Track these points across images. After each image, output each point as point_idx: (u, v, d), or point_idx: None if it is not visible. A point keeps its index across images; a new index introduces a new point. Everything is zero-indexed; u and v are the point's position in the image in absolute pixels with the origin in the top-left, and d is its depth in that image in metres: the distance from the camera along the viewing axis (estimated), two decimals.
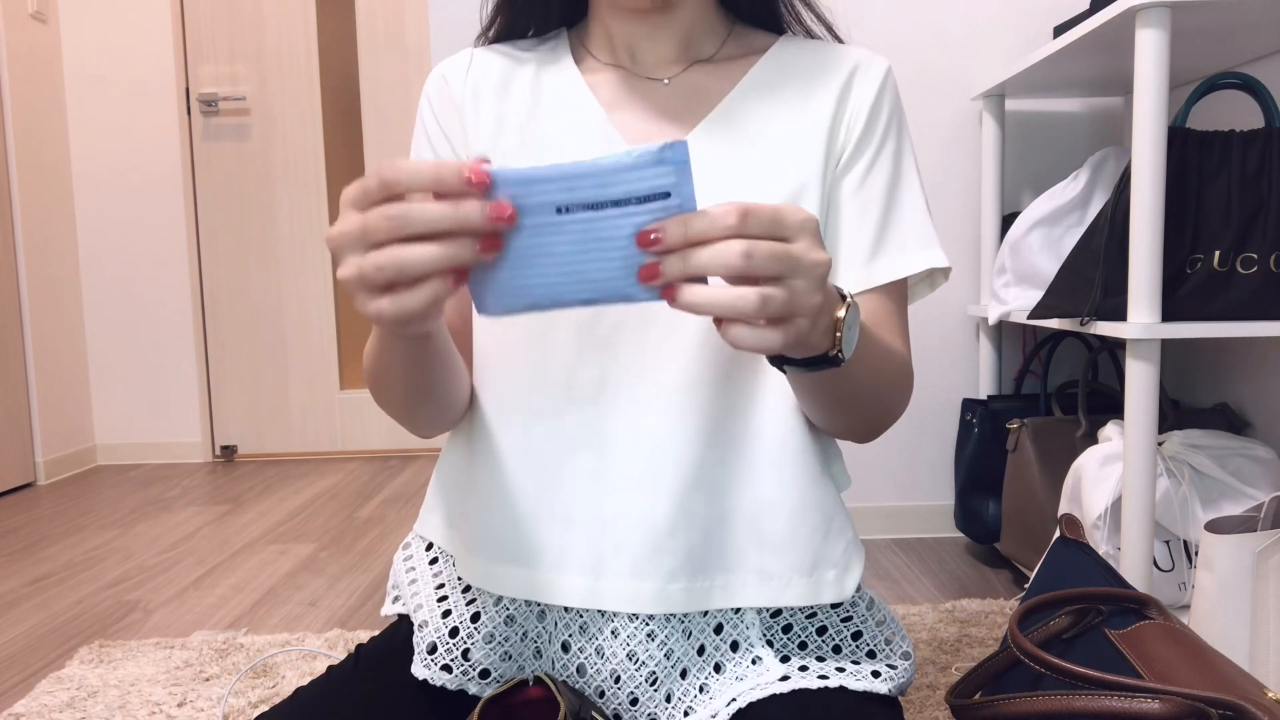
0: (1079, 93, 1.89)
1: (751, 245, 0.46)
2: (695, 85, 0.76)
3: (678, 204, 0.47)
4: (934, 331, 1.97)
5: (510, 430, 0.71)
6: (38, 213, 2.89)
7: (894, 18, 1.91)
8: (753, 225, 0.47)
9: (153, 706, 1.24)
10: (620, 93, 0.76)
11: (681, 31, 0.76)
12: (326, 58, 3.14)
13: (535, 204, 0.48)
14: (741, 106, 0.74)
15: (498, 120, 0.75)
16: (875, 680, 0.69)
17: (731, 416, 0.69)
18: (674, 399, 0.68)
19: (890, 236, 0.73)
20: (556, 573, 0.69)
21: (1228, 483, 1.35)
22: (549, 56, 0.78)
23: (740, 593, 0.69)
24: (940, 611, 1.51)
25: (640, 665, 0.68)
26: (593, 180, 0.47)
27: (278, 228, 3.16)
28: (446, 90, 0.77)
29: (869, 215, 0.72)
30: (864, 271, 0.72)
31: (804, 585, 0.69)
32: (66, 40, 3.05)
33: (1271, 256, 1.25)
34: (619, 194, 0.47)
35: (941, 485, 2.00)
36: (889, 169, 0.74)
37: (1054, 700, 0.67)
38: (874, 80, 0.75)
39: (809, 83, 0.75)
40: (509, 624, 0.72)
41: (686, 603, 0.68)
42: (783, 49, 0.78)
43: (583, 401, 0.69)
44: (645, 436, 0.68)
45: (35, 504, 2.59)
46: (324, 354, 3.20)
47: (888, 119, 0.75)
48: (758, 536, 0.69)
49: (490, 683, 0.71)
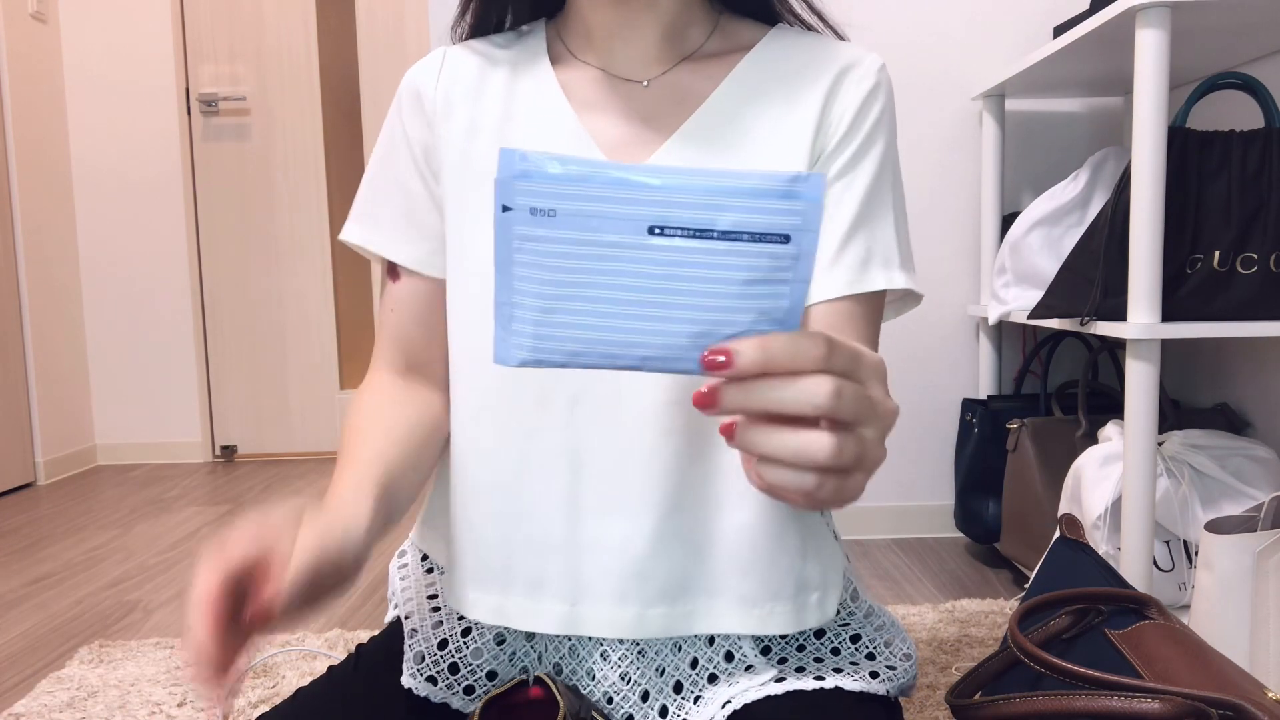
0: (1079, 93, 1.89)
1: (841, 385, 0.39)
2: (676, 86, 0.71)
3: (793, 256, 0.37)
4: (934, 331, 1.97)
5: (482, 451, 0.68)
6: (38, 213, 2.89)
7: (894, 18, 1.91)
8: (836, 361, 0.39)
9: (153, 706, 1.24)
10: (596, 94, 0.71)
11: (663, 23, 0.71)
12: (326, 58, 3.14)
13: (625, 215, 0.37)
14: (724, 109, 0.69)
15: (470, 126, 0.71)
16: (873, 681, 0.68)
17: (711, 438, 0.66)
18: (651, 420, 0.65)
19: (851, 249, 0.67)
20: (532, 599, 0.66)
21: (1228, 483, 1.35)
22: (525, 53, 0.74)
23: (722, 620, 0.66)
24: (940, 611, 1.51)
25: (634, 685, 0.68)
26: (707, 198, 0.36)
27: (277, 228, 3.16)
28: (418, 105, 0.73)
29: (836, 221, 0.68)
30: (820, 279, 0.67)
31: (786, 612, 0.67)
32: (66, 40, 3.05)
33: (1271, 256, 1.25)
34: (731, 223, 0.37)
35: (941, 485, 2.00)
36: (868, 176, 0.69)
37: (1054, 700, 0.67)
38: (864, 81, 0.70)
39: (797, 82, 0.70)
40: (499, 643, 0.71)
41: (666, 628, 0.66)
42: (772, 43, 0.72)
43: (557, 422, 0.66)
44: (621, 458, 0.65)
45: (35, 504, 2.59)
46: (324, 354, 3.20)
47: (874, 123, 0.69)
48: (739, 562, 0.66)
49: (474, 699, 0.70)
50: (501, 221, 0.37)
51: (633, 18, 0.70)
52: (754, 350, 0.38)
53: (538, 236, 0.37)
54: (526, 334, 0.39)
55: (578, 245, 0.37)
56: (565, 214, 0.37)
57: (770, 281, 0.38)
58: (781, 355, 0.38)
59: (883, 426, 0.41)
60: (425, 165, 0.73)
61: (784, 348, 0.38)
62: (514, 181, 0.37)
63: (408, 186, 0.74)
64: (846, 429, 0.40)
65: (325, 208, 3.14)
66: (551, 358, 0.39)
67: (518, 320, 0.39)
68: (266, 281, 3.17)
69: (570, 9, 0.74)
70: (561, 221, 0.37)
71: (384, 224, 0.75)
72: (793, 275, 0.38)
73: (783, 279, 0.38)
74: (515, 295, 0.38)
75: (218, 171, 3.14)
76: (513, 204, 0.37)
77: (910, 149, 1.94)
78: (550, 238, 0.37)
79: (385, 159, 0.76)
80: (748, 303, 0.38)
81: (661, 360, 0.39)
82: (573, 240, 0.37)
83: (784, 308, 0.39)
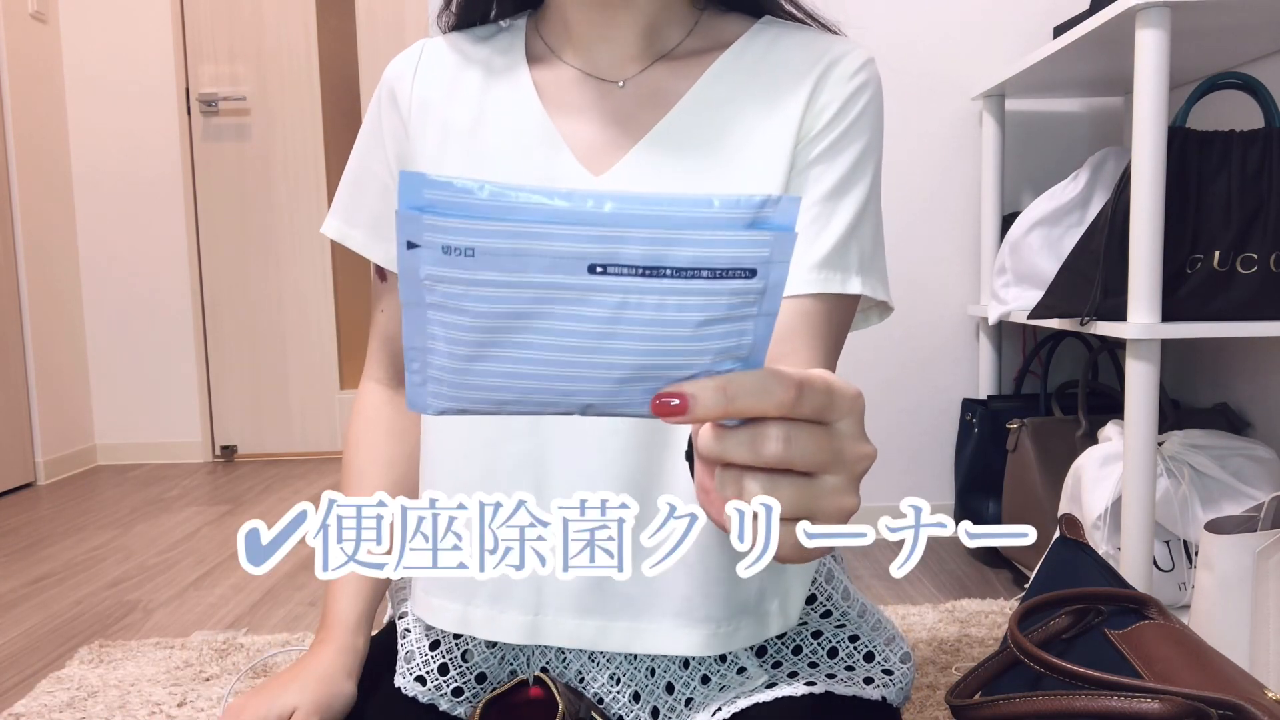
0: (1079, 93, 1.89)
1: (790, 430, 0.35)
2: (653, 86, 0.68)
3: (758, 291, 0.32)
4: (934, 331, 1.97)
5: (448, 460, 0.68)
6: (38, 213, 2.89)
7: (894, 18, 1.91)
8: (806, 403, 0.35)
9: (153, 706, 1.24)
10: (571, 95, 0.69)
11: (642, 22, 0.69)
12: (326, 58, 3.14)
13: (560, 253, 0.31)
14: (699, 110, 0.67)
15: (443, 128, 0.70)
16: (867, 687, 0.67)
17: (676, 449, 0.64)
18: (614, 431, 0.64)
19: (809, 247, 0.63)
20: (495, 608, 0.66)
21: (1228, 483, 1.35)
22: (503, 50, 0.73)
23: (685, 643, 0.64)
24: (940, 611, 1.51)
25: (624, 686, 0.67)
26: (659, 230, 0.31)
27: (278, 228, 3.16)
28: (394, 104, 0.73)
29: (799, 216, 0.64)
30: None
31: (750, 625, 0.66)
32: (66, 40, 3.05)
33: (1271, 256, 1.25)
34: (687, 259, 0.31)
35: (941, 485, 2.00)
36: (840, 171, 0.65)
37: (1054, 700, 0.67)
38: (851, 75, 0.66)
39: (780, 79, 0.67)
40: (489, 646, 0.70)
41: (627, 644, 0.65)
42: (754, 39, 0.69)
43: (521, 431, 0.65)
44: (586, 470, 0.64)
45: (35, 504, 2.59)
46: (324, 354, 3.20)
47: (858, 117, 0.66)
48: (703, 581, 0.64)
49: (462, 702, 0.70)
50: (406, 259, 0.31)
51: (611, 16, 0.68)
52: (713, 394, 0.33)
53: (452, 278, 0.31)
54: (445, 381, 0.33)
55: (503, 288, 0.31)
56: (486, 252, 0.30)
57: (732, 320, 0.33)
58: (745, 399, 0.34)
59: (851, 474, 0.37)
60: (398, 168, 0.73)
61: (748, 390, 0.34)
62: (419, 215, 0.30)
63: (384, 184, 0.74)
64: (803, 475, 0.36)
65: (325, 208, 3.14)
66: (476, 406, 0.34)
67: (433, 367, 0.33)
68: (266, 282, 3.17)
69: (550, 6, 0.73)
70: (482, 261, 0.30)
71: (361, 221, 0.75)
72: (758, 310, 0.33)
73: (746, 315, 0.33)
74: (428, 340, 0.33)
75: (218, 172, 3.14)
76: (420, 240, 0.30)
77: (910, 149, 1.94)
78: (468, 279, 0.31)
79: (364, 154, 0.76)
80: (706, 344, 0.33)
81: (608, 406, 0.34)
82: (497, 283, 0.31)
83: (748, 344, 0.34)
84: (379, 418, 0.78)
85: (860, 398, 0.38)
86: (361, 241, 0.75)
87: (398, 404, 0.79)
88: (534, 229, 0.30)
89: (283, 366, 3.20)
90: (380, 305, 0.78)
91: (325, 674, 0.68)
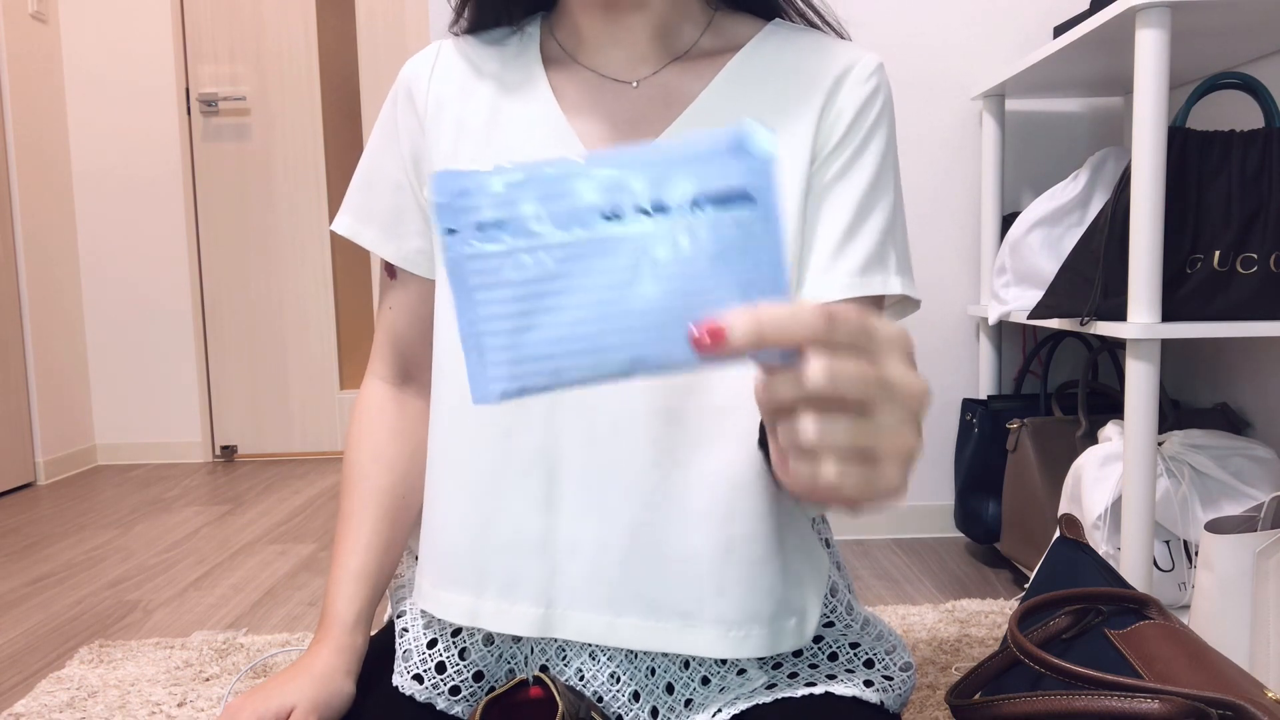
0: (1079, 93, 1.89)
1: (836, 365, 0.35)
2: (665, 87, 0.69)
3: (760, 219, 0.35)
4: (934, 331, 1.97)
5: (458, 451, 0.68)
6: (38, 213, 2.89)
7: (894, 18, 1.91)
8: (840, 333, 0.35)
9: (153, 706, 1.24)
10: (585, 96, 0.70)
11: (654, 23, 0.69)
12: (326, 58, 3.14)
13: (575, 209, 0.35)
14: (713, 110, 0.67)
15: (458, 125, 0.71)
16: (867, 689, 0.67)
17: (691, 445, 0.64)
18: (629, 426, 0.64)
19: (849, 252, 0.66)
20: (506, 601, 0.66)
21: (1228, 483, 1.35)
22: (518, 52, 0.73)
23: (695, 642, 0.64)
24: (940, 611, 1.51)
25: (623, 685, 0.67)
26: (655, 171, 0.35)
27: (278, 228, 3.16)
28: (411, 104, 0.73)
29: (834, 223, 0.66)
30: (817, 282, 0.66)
31: (762, 635, 0.65)
32: (66, 40, 3.05)
33: (1271, 256, 1.25)
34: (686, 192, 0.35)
35: (941, 485, 2.00)
36: (866, 178, 0.67)
37: (1054, 700, 0.67)
38: (864, 83, 0.68)
39: (792, 83, 0.68)
40: (487, 643, 0.70)
41: (637, 640, 0.65)
42: (766, 41, 0.71)
43: (533, 423, 0.65)
44: (599, 462, 0.64)
45: (35, 504, 2.59)
46: (323, 354, 3.20)
47: (873, 124, 0.68)
48: (715, 581, 0.64)
49: (460, 700, 0.70)
50: (449, 246, 0.36)
51: (622, 19, 0.69)
52: (745, 320, 0.34)
53: (490, 253, 0.35)
54: (502, 360, 0.36)
55: (534, 251, 0.35)
56: (513, 221, 0.35)
57: (744, 249, 0.35)
58: (776, 324, 0.34)
59: (906, 409, 0.36)
60: (413, 167, 0.73)
61: (779, 315, 0.34)
62: (454, 201, 0.35)
63: (398, 182, 0.74)
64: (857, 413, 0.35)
65: (325, 208, 3.14)
66: (534, 381, 0.36)
67: (490, 349, 0.36)
68: (266, 281, 3.17)
69: (561, 9, 0.74)
70: (511, 230, 0.35)
71: (374, 218, 0.75)
72: (766, 239, 0.35)
73: (756, 244, 0.35)
74: (481, 322, 0.36)
75: (218, 172, 3.14)
76: (457, 225, 0.35)
77: (910, 149, 1.94)
78: (504, 251, 0.35)
79: (378, 152, 0.76)
80: (727, 276, 0.35)
81: (653, 358, 0.36)
82: (528, 247, 0.35)
83: (767, 275, 0.36)
84: (381, 417, 0.78)
85: (904, 333, 0.37)
86: (373, 238, 0.75)
87: (400, 402, 0.79)
88: (549, 190, 0.35)
89: (283, 366, 3.20)
90: (388, 302, 0.78)
91: (324, 672, 0.68)
